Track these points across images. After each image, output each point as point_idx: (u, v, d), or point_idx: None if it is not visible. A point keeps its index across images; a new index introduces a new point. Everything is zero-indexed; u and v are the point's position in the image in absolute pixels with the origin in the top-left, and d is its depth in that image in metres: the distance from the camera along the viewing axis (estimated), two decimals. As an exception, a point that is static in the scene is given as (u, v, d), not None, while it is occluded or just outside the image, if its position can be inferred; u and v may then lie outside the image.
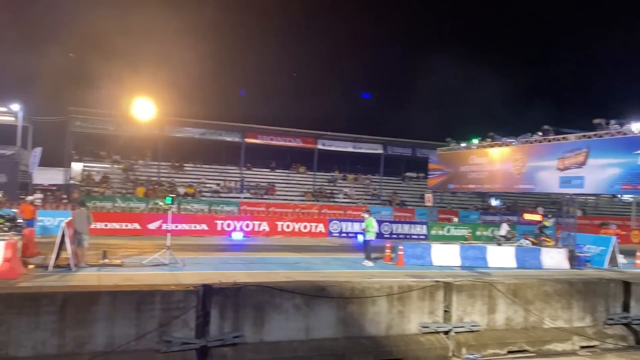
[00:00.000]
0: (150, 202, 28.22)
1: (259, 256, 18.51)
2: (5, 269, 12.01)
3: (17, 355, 5.93)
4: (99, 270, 13.58)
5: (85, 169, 34.01)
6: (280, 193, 35.59)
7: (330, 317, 8.62)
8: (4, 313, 5.87)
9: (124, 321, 6.60)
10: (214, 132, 35.92)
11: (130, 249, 18.62)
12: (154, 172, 34.73)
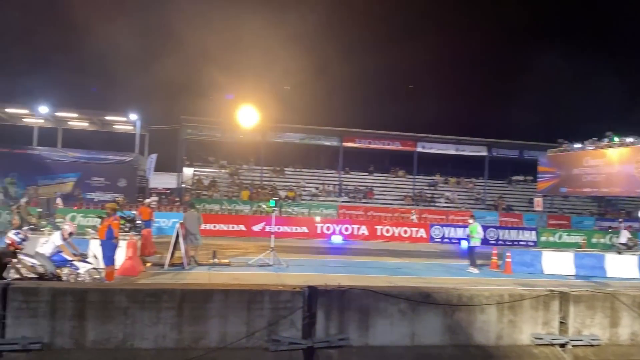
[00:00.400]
0: (254, 204, 29.28)
1: (359, 260, 18.48)
2: (127, 267, 12.98)
3: (141, 346, 6.33)
4: (209, 270, 14.26)
5: (196, 173, 36.06)
6: (379, 197, 35.39)
7: (437, 324, 8.35)
8: (130, 307, 6.29)
9: (235, 319, 6.82)
10: (313, 136, 36.52)
11: (236, 249, 19.39)
12: (257, 176, 36.00)
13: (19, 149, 32.79)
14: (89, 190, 32.29)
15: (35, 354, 5.94)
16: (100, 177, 32.55)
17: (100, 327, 6.22)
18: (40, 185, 31.43)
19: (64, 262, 9.94)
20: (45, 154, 32.64)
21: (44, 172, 32.05)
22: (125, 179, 32.73)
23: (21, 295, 6.07)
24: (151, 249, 16.75)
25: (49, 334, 6.07)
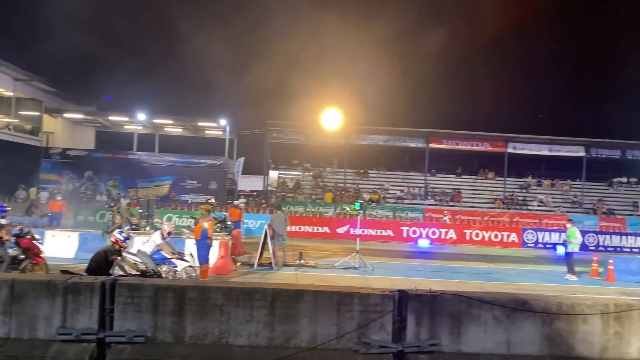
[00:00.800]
0: (338, 207, 29.44)
1: (447, 264, 18.01)
2: (219, 265, 13.50)
3: (235, 343, 6.52)
4: (296, 270, 14.50)
5: (281, 176, 36.88)
6: (467, 200, 34.32)
7: (534, 332, 7.91)
8: (225, 305, 6.50)
9: (325, 320, 6.85)
10: (398, 138, 36.12)
11: (321, 251, 19.58)
12: (341, 179, 36.16)
13: (120, 154, 35.19)
14: (183, 193, 34.00)
15: (139, 347, 6.30)
16: (193, 180, 34.18)
17: (197, 323, 6.48)
18: (139, 188, 33.52)
19: (163, 260, 10.52)
20: (144, 159, 34.77)
21: (143, 175, 34.17)
22: (215, 181, 34.14)
23: (127, 290, 6.46)
24: (241, 249, 17.32)
25: (151, 328, 6.41)
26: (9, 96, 32.73)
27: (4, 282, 6.36)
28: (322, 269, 15.12)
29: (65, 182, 33.69)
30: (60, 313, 6.34)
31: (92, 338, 6.28)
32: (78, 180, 34.18)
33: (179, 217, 24.42)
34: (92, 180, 34.37)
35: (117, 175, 34.23)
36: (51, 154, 34.60)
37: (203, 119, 36.83)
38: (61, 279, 6.51)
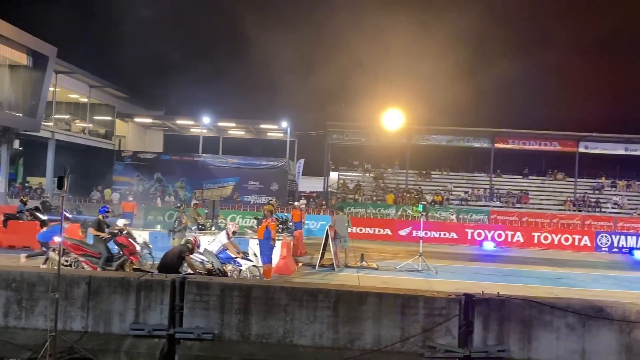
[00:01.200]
0: (400, 208, 29.12)
1: (514, 268, 17.39)
2: (282, 266, 13.66)
3: (299, 343, 6.56)
4: (358, 272, 14.44)
5: (341, 177, 36.92)
6: (535, 201, 33.04)
7: (611, 341, 7.48)
8: (289, 304, 6.56)
9: (389, 322, 6.78)
10: (461, 138, 35.31)
11: (383, 253, 19.41)
12: (402, 180, 35.76)
13: (187, 156, 36.40)
14: (246, 194, 34.72)
15: (207, 343, 6.46)
16: (255, 181, 34.85)
17: (262, 322, 6.58)
18: (204, 189, 34.54)
19: (228, 259, 10.78)
20: (209, 161, 35.79)
21: (208, 177, 35.20)
22: (277, 182, 34.65)
23: (195, 288, 6.64)
24: (302, 250, 17.45)
25: (218, 325, 6.56)
26: (85, 102, 34.61)
27: (82, 279, 6.71)
28: (384, 271, 14.99)
29: (136, 184, 35.24)
30: (133, 309, 6.61)
31: (163, 334, 6.51)
32: (148, 182, 35.66)
33: (242, 217, 24.93)
34: (160, 182, 35.77)
35: (184, 176, 35.45)
36: (123, 157, 36.28)
37: (265, 122, 37.49)
38: (134, 276, 6.79)
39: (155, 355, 6.33)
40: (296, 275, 13.60)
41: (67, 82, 30.82)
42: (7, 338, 6.45)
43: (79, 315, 6.65)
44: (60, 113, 32.90)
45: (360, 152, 38.26)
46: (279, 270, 13.40)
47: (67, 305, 6.61)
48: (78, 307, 6.66)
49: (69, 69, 29.40)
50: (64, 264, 11.03)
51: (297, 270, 14.29)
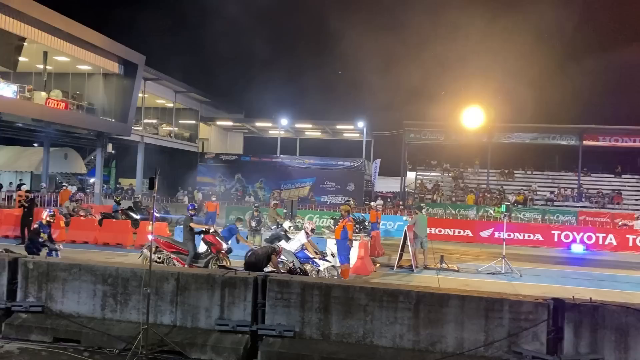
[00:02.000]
0: (480, 209, 28.21)
1: (606, 273, 16.33)
2: (359, 266, 13.65)
3: (379, 344, 6.52)
4: (437, 274, 14.15)
5: (418, 177, 36.35)
6: (629, 202, 30.85)
7: None
8: (369, 305, 6.53)
9: (472, 326, 6.57)
10: (547, 135, 33.70)
11: (463, 255, 18.90)
12: (483, 180, 34.65)
13: (266, 157, 37.33)
14: (322, 194, 35.05)
15: (288, 341, 6.57)
16: (331, 181, 35.10)
17: (342, 321, 6.59)
18: (282, 189, 35.24)
19: (306, 259, 10.92)
20: (287, 162, 36.49)
21: (286, 177, 35.89)
22: (353, 183, 34.70)
23: (276, 286, 6.78)
24: (380, 250, 17.36)
25: (299, 323, 6.66)
26: (171, 107, 36.40)
27: (171, 275, 7.04)
28: (465, 274, 14.58)
29: (218, 184, 36.60)
30: (218, 305, 6.85)
31: (246, 330, 6.69)
32: (229, 182, 36.94)
33: (318, 217, 25.16)
34: (241, 182, 36.93)
35: (263, 177, 36.39)
36: (206, 159, 37.81)
37: (341, 122, 37.67)
38: (219, 274, 7.03)
39: (239, 350, 6.52)
40: (374, 276, 13.53)
41: (155, 89, 32.55)
42: (104, 329, 6.89)
43: (168, 309, 6.99)
44: (148, 118, 34.81)
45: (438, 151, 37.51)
46: (357, 271, 13.40)
47: (157, 299, 6.97)
48: (167, 301, 6.99)
49: (156, 76, 31.04)
50: (156, 261, 11.74)
51: (375, 271, 14.22)
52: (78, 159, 35.50)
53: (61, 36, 21.67)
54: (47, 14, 20.36)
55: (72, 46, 22.53)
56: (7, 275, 7.36)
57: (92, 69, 25.37)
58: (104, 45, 24.08)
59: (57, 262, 7.68)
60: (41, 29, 20.52)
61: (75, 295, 7.20)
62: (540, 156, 36.24)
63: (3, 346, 6.74)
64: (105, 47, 24.22)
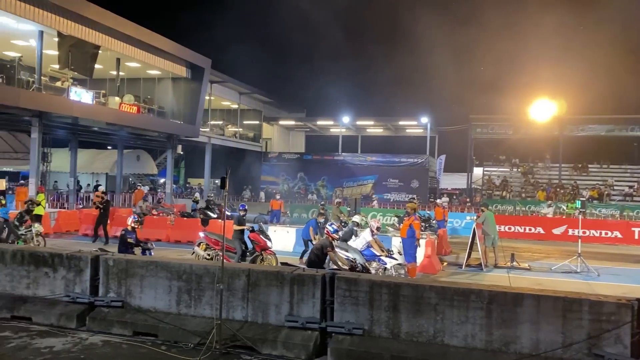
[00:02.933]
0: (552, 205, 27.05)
1: (695, 272, 15.22)
2: (426, 264, 13.44)
3: (450, 343, 6.40)
4: (508, 273, 13.71)
5: (486, 173, 35.34)
6: None
7: None
8: (439, 304, 6.42)
9: (548, 327, 6.32)
10: (624, 127, 31.86)
11: (535, 253, 18.22)
12: (555, 175, 33.21)
13: (327, 155, 37.50)
14: (385, 191, 34.80)
15: (357, 338, 6.57)
16: (394, 179, 34.76)
17: (411, 320, 6.51)
18: (345, 187, 35.28)
19: (373, 256, 10.87)
20: (348, 159, 36.49)
21: (348, 175, 35.90)
22: (417, 180, 34.20)
23: (344, 284, 6.79)
24: (447, 249, 17.03)
25: (368, 321, 6.64)
26: (235, 108, 37.30)
27: (242, 271, 7.22)
28: (538, 272, 14.04)
29: (281, 183, 37.15)
30: (287, 301, 6.95)
31: (315, 327, 6.75)
32: (292, 181, 37.39)
33: (382, 215, 24.99)
34: (303, 181, 37.30)
35: (325, 175, 36.58)
36: (269, 158, 38.47)
37: (404, 118, 37.23)
38: (288, 271, 7.13)
39: (309, 347, 6.59)
40: (442, 275, 13.29)
41: (220, 91, 33.46)
42: (180, 324, 7.15)
43: (239, 305, 7.17)
44: (214, 119, 35.82)
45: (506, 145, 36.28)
46: (424, 269, 13.22)
47: (229, 295, 7.16)
48: (239, 298, 7.17)
49: (221, 79, 31.89)
50: (206, 258, 12.20)
51: (442, 270, 13.97)
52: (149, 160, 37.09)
53: (133, 43, 22.68)
54: (120, 22, 21.36)
55: (143, 52, 23.53)
56: (90, 272, 7.80)
57: (162, 73, 26.39)
58: (173, 50, 24.99)
59: (135, 259, 8.05)
60: (114, 37, 21.56)
61: (152, 291, 7.52)
62: (616, 149, 34.28)
63: (88, 338, 7.14)
64: (173, 52, 25.12)
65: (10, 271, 8.16)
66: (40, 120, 19.28)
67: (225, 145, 34.93)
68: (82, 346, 6.85)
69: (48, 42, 19.12)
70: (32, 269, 8.07)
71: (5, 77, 17.67)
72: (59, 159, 28.80)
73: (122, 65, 23.74)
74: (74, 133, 26.25)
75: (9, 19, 17.78)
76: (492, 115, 33.57)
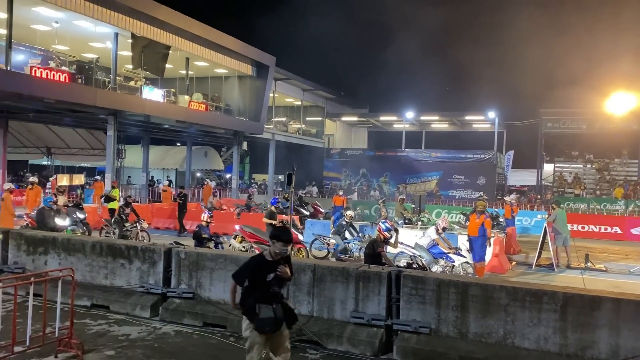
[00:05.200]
0: (630, 204, 25.54)
1: None
2: (495, 264, 13.05)
3: (522, 345, 6.18)
4: (582, 274, 13.08)
5: (557, 169, 33.91)
6: None
7: None
8: (510, 305, 6.22)
9: (629, 332, 5.96)
10: None
11: (611, 253, 17.31)
12: (633, 171, 31.33)
13: (390, 151, 37.16)
14: (450, 188, 34.07)
15: (424, 337, 6.48)
16: (460, 175, 33.95)
17: (480, 320, 6.34)
18: (408, 184, 34.85)
19: (441, 254, 10.68)
20: (412, 155, 36.00)
21: (411, 171, 35.42)
22: (484, 176, 33.26)
23: (411, 282, 6.71)
24: (516, 248, 16.47)
25: (435, 320, 6.53)
26: (298, 105, 37.68)
27: (308, 267, 7.28)
28: (615, 274, 13.32)
29: (343, 179, 37.19)
30: (353, 298, 6.95)
31: (381, 324, 6.71)
32: (354, 177, 37.36)
33: (447, 212, 24.49)
34: (365, 177, 37.17)
35: (388, 171, 36.26)
36: (332, 154, 38.61)
37: (470, 113, 36.29)
38: (353, 267, 7.13)
39: (374, 344, 6.56)
40: (510, 275, 12.87)
41: (284, 88, 33.90)
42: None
43: (305, 300, 7.24)
44: (278, 116, 36.36)
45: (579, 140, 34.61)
46: (492, 269, 12.85)
47: (295, 290, 7.25)
48: (304, 292, 7.24)
49: (285, 76, 32.30)
50: (241, 250, 12.47)
51: (511, 269, 13.53)
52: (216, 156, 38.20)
53: (201, 43, 23.40)
54: (189, 22, 22.09)
55: (211, 52, 24.23)
56: (162, 264, 8.13)
57: (228, 72, 27.06)
58: (239, 49, 25.56)
59: (205, 252, 8.31)
60: (184, 37, 22.32)
61: (221, 283, 7.73)
62: None
63: (161, 328, 7.45)
64: (239, 51, 25.68)
65: (90, 262, 8.64)
66: (115, 118, 20.29)
67: (288, 142, 35.37)
68: (155, 335, 7.15)
69: (122, 43, 20.07)
70: (110, 260, 8.50)
71: (84, 78, 18.69)
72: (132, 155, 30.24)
73: (191, 64, 24.55)
74: (146, 130, 27.45)
75: (88, 23, 18.80)
76: (564, 110, 32.05)
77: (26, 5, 16.70)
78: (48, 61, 18.31)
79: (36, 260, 9.08)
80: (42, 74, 16.80)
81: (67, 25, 18.85)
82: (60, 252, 8.89)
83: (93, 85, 18.90)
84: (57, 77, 17.23)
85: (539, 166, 34.21)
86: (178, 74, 24.98)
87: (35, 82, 16.63)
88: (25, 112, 22.22)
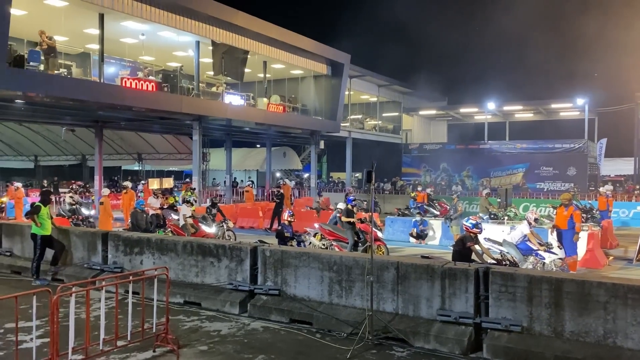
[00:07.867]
0: None
1: None
2: (589, 258, 12.32)
3: (624, 345, 5.79)
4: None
5: (657, 157, 31.34)
6: None
7: None
8: (609, 302, 5.84)
9: None
10: None
11: None
12: None
13: (472, 144, 36.04)
14: (538, 180, 32.53)
15: (515, 335, 6.22)
16: (548, 166, 32.32)
17: (577, 319, 6.00)
18: (492, 177, 33.64)
19: (529, 251, 10.21)
20: (495, 147, 34.72)
21: (495, 164, 34.16)
22: (574, 167, 31.47)
23: (500, 279, 6.47)
24: (613, 241, 15.46)
25: (526, 318, 6.25)
26: (374, 101, 37.46)
27: (391, 264, 7.22)
28: None
29: (423, 174, 36.55)
30: (439, 295, 6.81)
31: (469, 322, 6.53)
32: (434, 172, 36.61)
33: (535, 206, 23.37)
34: (446, 172, 36.30)
35: (470, 165, 35.18)
36: (410, 149, 38.05)
37: (556, 101, 34.47)
38: (438, 264, 6.99)
39: (463, 342, 6.40)
40: (608, 270, 12.08)
41: (359, 85, 33.83)
42: (332, 314, 7.38)
43: (389, 297, 7.19)
44: (354, 113, 36.34)
45: (682, 125, 31.84)
46: (587, 264, 12.15)
47: (378, 287, 7.22)
48: (388, 290, 7.19)
49: (360, 73, 32.23)
50: (321, 247, 12.50)
51: (608, 264, 12.71)
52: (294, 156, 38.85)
53: (277, 45, 23.88)
54: (266, 27, 22.61)
55: (287, 54, 24.66)
56: (249, 262, 8.38)
57: (304, 72, 27.41)
58: (314, 49, 25.82)
59: (289, 250, 8.47)
60: (261, 41, 22.88)
61: (305, 280, 7.86)
62: None
63: (249, 324, 7.68)
64: (314, 51, 25.94)
65: (182, 261, 9.07)
66: (199, 123, 21.18)
67: (365, 139, 35.26)
68: (245, 331, 7.38)
69: (203, 51, 20.90)
70: (200, 259, 8.89)
71: (170, 86, 19.66)
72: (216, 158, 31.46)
73: (268, 67, 25.11)
74: (228, 134, 28.44)
75: (171, 33, 19.75)
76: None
77: (115, 20, 17.79)
78: (136, 72, 19.43)
79: (133, 260, 9.67)
80: (132, 84, 17.85)
81: (152, 37, 19.89)
82: (154, 252, 9.42)
83: (178, 92, 19.83)
84: (145, 87, 18.25)
85: (636, 154, 31.87)
86: (256, 77, 25.63)
87: (126, 92, 17.71)
88: (117, 121, 23.75)
